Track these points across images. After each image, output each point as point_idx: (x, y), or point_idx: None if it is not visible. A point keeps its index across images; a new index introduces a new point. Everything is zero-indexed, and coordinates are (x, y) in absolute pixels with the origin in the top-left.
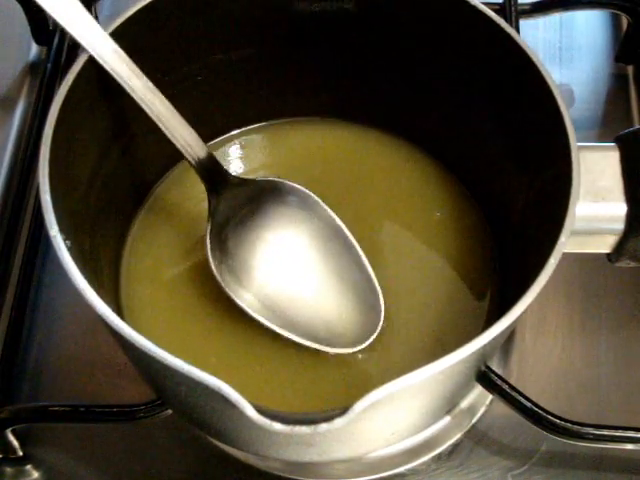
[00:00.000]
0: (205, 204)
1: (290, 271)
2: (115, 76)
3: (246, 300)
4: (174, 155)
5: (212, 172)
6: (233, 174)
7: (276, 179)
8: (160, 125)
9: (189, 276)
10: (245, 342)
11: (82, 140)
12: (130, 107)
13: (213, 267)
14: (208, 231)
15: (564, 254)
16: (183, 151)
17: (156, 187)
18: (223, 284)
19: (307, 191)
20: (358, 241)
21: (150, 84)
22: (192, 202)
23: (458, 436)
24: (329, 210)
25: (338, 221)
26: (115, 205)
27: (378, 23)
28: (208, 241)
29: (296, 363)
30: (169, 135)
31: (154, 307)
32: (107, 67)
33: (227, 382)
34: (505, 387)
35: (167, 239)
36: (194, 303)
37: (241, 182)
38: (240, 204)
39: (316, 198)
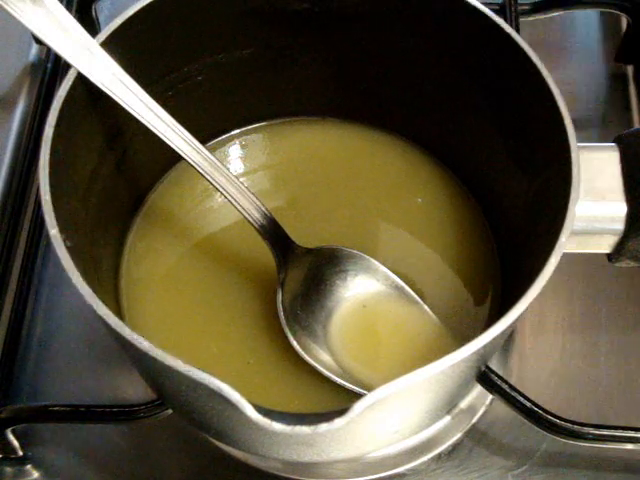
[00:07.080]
0: (202, 207)
1: (359, 332)
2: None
3: (322, 362)
4: (172, 157)
5: (279, 241)
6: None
7: (334, 247)
8: (225, 194)
9: (188, 277)
10: (244, 343)
11: (82, 140)
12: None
13: (289, 333)
14: (280, 301)
15: (564, 254)
16: (249, 220)
17: (155, 188)
18: (300, 349)
19: (364, 255)
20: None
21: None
22: (190, 204)
23: (458, 436)
24: (388, 272)
25: (398, 280)
26: (115, 206)
27: (378, 23)
28: (281, 311)
29: (297, 363)
30: (234, 203)
31: (153, 307)
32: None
33: (227, 382)
34: (505, 387)
35: (165, 240)
36: (193, 304)
37: (305, 252)
38: (305, 274)
39: (374, 261)
